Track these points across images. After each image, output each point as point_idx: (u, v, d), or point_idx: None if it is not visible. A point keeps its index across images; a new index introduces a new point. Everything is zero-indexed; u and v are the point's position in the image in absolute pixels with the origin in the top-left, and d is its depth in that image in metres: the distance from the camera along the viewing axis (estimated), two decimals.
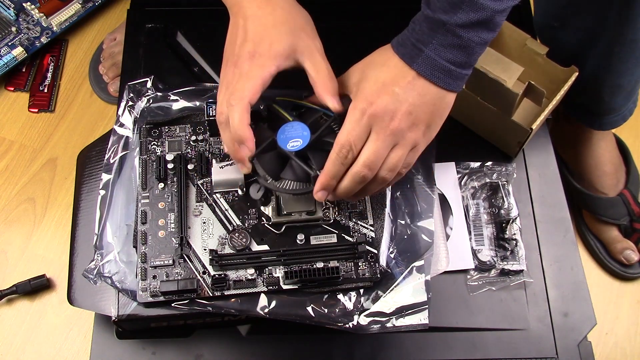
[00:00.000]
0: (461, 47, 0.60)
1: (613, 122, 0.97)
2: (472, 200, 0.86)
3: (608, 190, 1.01)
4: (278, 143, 0.68)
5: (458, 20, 0.59)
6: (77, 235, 0.81)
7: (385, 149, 0.63)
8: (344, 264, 0.72)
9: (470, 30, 0.60)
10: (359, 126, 0.62)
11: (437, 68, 0.61)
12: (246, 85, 0.64)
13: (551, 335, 0.80)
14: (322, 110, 0.70)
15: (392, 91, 0.62)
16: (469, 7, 0.58)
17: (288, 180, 0.69)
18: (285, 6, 0.68)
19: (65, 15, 1.17)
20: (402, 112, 0.62)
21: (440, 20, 0.60)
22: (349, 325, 0.71)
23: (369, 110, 0.62)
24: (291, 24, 0.67)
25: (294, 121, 0.68)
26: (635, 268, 1.02)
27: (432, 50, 0.61)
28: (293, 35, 0.66)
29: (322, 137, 0.68)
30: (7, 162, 1.10)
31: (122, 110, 0.81)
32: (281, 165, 0.69)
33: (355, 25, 0.98)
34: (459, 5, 0.59)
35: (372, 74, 0.64)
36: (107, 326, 0.79)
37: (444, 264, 0.76)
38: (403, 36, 0.63)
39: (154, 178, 0.76)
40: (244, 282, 0.71)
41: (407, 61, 0.62)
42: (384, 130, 0.62)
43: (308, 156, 0.68)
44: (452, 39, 0.60)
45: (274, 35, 0.66)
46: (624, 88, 0.90)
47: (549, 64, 0.85)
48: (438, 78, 0.61)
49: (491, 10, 0.59)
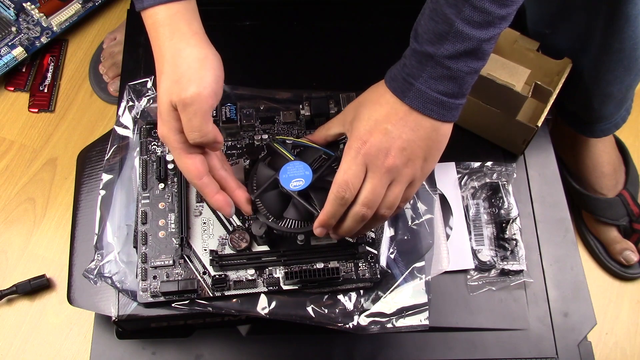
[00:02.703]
0: (451, 77, 0.60)
1: (605, 129, 0.97)
2: (472, 200, 0.86)
3: (607, 191, 1.01)
4: (281, 183, 0.68)
5: (445, 51, 0.59)
6: (77, 235, 0.81)
7: (383, 187, 0.63)
8: (344, 265, 0.72)
9: (458, 61, 0.59)
10: (355, 165, 0.62)
11: (429, 101, 0.61)
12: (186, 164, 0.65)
13: (551, 335, 0.80)
14: (323, 149, 0.71)
15: (385, 129, 0.62)
16: (454, 37, 0.58)
17: (291, 220, 0.69)
18: (172, 53, 0.64)
19: (65, 15, 1.17)
20: (396, 149, 0.62)
21: (428, 53, 0.60)
22: (349, 325, 0.71)
23: (363, 149, 0.62)
24: (170, 77, 0.63)
25: (296, 160, 0.69)
26: (635, 268, 1.02)
27: (423, 84, 0.60)
28: (169, 93, 0.63)
29: (324, 177, 0.69)
30: (7, 162, 1.10)
31: (122, 110, 0.81)
32: (282, 204, 0.70)
33: (355, 25, 0.98)
34: (444, 37, 0.59)
35: (365, 112, 0.64)
36: (107, 326, 0.79)
37: (444, 264, 0.76)
38: (394, 70, 0.63)
39: (154, 178, 0.76)
40: (244, 282, 0.71)
41: (399, 96, 0.62)
42: (380, 168, 0.62)
43: (310, 195, 0.69)
44: (441, 71, 0.60)
45: (159, 96, 0.64)
46: (614, 96, 0.91)
47: (541, 58, 0.85)
48: (431, 110, 0.61)
49: (477, 40, 0.59)
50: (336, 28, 0.98)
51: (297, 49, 0.95)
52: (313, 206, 0.68)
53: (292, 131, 0.79)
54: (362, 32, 0.98)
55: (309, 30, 0.97)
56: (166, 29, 0.64)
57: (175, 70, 0.63)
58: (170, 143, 0.65)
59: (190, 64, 0.62)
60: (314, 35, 0.97)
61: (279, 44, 0.96)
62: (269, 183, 0.69)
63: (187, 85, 0.61)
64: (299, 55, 0.94)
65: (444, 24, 0.59)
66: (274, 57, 0.95)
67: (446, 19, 0.58)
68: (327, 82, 0.86)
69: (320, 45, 0.96)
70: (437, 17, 0.59)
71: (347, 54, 0.95)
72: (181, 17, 0.64)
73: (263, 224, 0.69)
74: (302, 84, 0.84)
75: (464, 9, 0.58)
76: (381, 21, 0.98)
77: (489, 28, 0.59)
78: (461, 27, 0.58)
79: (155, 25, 0.64)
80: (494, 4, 0.58)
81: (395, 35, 0.97)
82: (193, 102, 0.61)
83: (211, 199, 0.66)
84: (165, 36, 0.64)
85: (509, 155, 0.90)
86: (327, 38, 0.97)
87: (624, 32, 0.79)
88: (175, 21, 0.64)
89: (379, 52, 0.95)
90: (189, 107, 0.62)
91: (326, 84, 0.85)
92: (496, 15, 0.58)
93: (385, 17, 0.98)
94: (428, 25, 0.60)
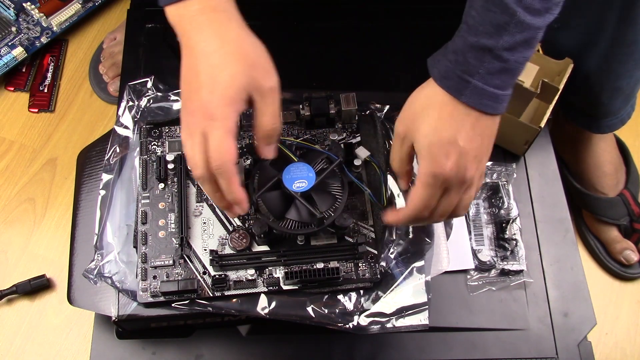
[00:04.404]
0: (508, 70, 0.59)
1: (611, 125, 0.96)
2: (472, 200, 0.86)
3: (608, 191, 1.01)
4: (284, 183, 0.68)
5: (505, 43, 0.57)
6: (77, 236, 0.81)
7: (459, 196, 0.63)
8: (344, 265, 0.72)
9: (516, 52, 0.58)
10: (436, 189, 0.62)
11: (486, 96, 0.59)
12: (222, 147, 0.60)
13: (551, 335, 0.80)
14: (326, 152, 0.72)
15: (458, 147, 0.60)
16: (515, 27, 0.56)
17: (292, 221, 0.70)
18: (236, 38, 0.62)
19: (65, 15, 1.17)
20: (470, 162, 0.61)
21: (486, 46, 0.57)
22: (349, 325, 0.71)
23: (443, 176, 0.61)
24: (241, 62, 0.61)
25: (299, 162, 0.69)
26: (635, 268, 1.02)
27: (480, 80, 0.58)
28: (245, 76, 0.61)
29: (326, 179, 0.69)
30: (7, 162, 1.10)
31: (122, 111, 0.81)
32: (284, 205, 0.70)
33: (356, 25, 0.98)
34: (504, 28, 0.57)
35: (425, 124, 0.61)
36: (107, 326, 0.79)
37: (444, 264, 0.76)
38: (444, 67, 0.60)
39: (154, 178, 0.76)
40: (244, 282, 0.71)
41: (454, 94, 0.60)
42: (459, 184, 0.62)
43: (312, 197, 0.69)
44: (499, 65, 0.58)
45: (224, 79, 0.60)
46: (623, 90, 0.90)
47: (543, 58, 0.85)
48: (487, 106, 0.60)
49: (536, 28, 0.57)
50: (336, 28, 0.98)
51: (297, 49, 0.95)
52: (315, 208, 0.68)
53: (292, 131, 0.79)
54: (362, 32, 0.98)
55: (309, 30, 0.97)
56: (223, 15, 0.62)
57: (244, 54, 0.61)
58: (227, 123, 0.60)
59: (261, 52, 0.63)
60: (314, 35, 0.97)
61: (279, 44, 0.96)
62: (272, 183, 0.69)
63: (266, 74, 0.62)
64: (299, 55, 0.94)
65: (503, 14, 0.56)
66: (274, 57, 0.94)
67: (506, 8, 0.56)
68: (327, 82, 0.86)
69: (320, 45, 0.96)
70: (494, 7, 0.57)
71: (347, 54, 0.95)
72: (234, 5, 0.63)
73: (264, 223, 0.69)
74: (302, 84, 0.84)
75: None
76: (381, 21, 0.98)
77: (547, 15, 0.58)
78: (523, 16, 0.56)
79: (206, 10, 0.61)
80: None
81: (395, 35, 0.98)
82: (273, 91, 0.62)
83: (235, 188, 0.63)
84: (224, 19, 0.62)
85: (509, 155, 0.90)
86: (327, 38, 0.97)
87: (638, 24, 0.79)
88: (231, 8, 0.63)
89: (379, 52, 0.96)
90: (269, 95, 0.62)
91: (326, 84, 0.85)
92: (555, 2, 0.57)
93: (385, 17, 0.98)
94: (484, 16, 0.57)
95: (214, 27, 0.61)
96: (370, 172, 0.76)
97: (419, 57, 0.64)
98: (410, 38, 0.96)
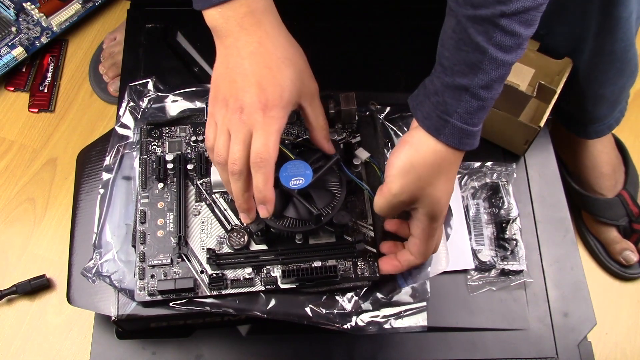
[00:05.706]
0: (483, 108, 0.59)
1: (599, 131, 0.96)
2: (472, 200, 0.86)
3: (606, 192, 1.01)
4: (281, 181, 0.68)
5: (480, 81, 0.57)
6: (77, 235, 0.81)
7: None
8: (343, 263, 0.72)
9: (491, 90, 0.58)
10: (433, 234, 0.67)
11: (464, 135, 0.60)
12: (269, 143, 0.62)
13: (551, 335, 0.80)
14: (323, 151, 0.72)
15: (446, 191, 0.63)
16: (489, 65, 0.57)
17: (290, 219, 0.70)
18: (284, 42, 0.64)
19: (65, 15, 1.17)
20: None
21: (462, 85, 0.58)
22: (347, 326, 0.71)
23: (440, 220, 0.66)
24: (293, 66, 0.64)
25: (296, 160, 0.69)
26: (634, 268, 1.01)
27: (458, 119, 0.59)
28: (298, 80, 0.64)
29: (324, 176, 0.70)
30: (7, 162, 1.10)
31: (122, 111, 0.81)
32: (282, 203, 0.70)
33: (356, 24, 0.98)
34: (477, 66, 0.57)
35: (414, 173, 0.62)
36: (107, 326, 0.79)
37: (443, 264, 0.75)
38: (425, 108, 0.61)
39: (154, 178, 0.76)
40: (241, 281, 0.71)
41: (433, 134, 0.60)
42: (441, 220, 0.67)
43: (309, 194, 0.69)
44: (476, 103, 0.59)
45: (282, 81, 0.62)
46: (607, 98, 0.91)
47: (542, 58, 0.85)
48: (465, 144, 0.61)
49: (509, 64, 0.58)
50: (336, 28, 0.98)
51: None
52: (313, 205, 0.68)
53: (292, 131, 0.79)
54: (362, 32, 0.98)
55: (309, 30, 0.97)
56: (270, 18, 0.64)
57: (294, 59, 0.64)
58: (280, 122, 0.63)
59: (303, 57, 0.66)
60: (313, 35, 0.97)
61: None
62: None
63: (311, 78, 0.67)
64: None
65: (475, 52, 0.57)
66: None
67: (477, 47, 0.57)
68: (327, 82, 0.86)
69: (321, 45, 0.96)
70: (466, 46, 0.57)
71: (347, 54, 0.95)
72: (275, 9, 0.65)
73: (262, 221, 0.69)
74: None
75: (495, 35, 0.56)
76: (381, 21, 0.98)
77: (518, 50, 0.58)
78: (494, 53, 0.56)
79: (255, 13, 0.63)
80: (522, 26, 0.57)
81: (395, 35, 0.98)
82: (318, 95, 0.68)
83: (270, 186, 0.64)
84: (272, 23, 0.64)
85: (509, 155, 0.89)
86: (327, 38, 0.97)
87: (615, 35, 0.79)
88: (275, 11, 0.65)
89: (379, 52, 0.96)
90: (316, 98, 0.68)
91: (326, 84, 0.85)
92: (524, 37, 0.57)
93: (385, 17, 0.98)
94: (456, 56, 0.58)
95: (263, 30, 0.63)
96: (370, 172, 0.76)
97: (419, 57, 0.64)
98: (410, 38, 0.96)
